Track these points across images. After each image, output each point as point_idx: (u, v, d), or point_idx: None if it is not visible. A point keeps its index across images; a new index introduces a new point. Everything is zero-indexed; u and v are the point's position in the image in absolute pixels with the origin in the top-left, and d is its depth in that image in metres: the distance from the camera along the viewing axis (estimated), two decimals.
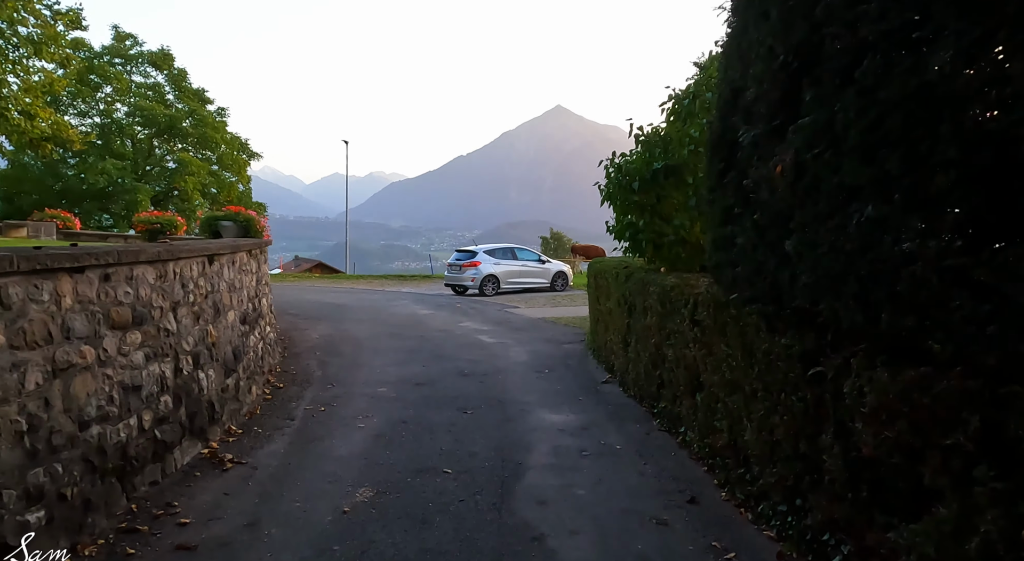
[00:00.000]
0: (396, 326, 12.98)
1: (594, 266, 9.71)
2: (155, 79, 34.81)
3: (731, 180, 4.19)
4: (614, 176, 7.82)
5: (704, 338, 4.71)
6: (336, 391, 7.35)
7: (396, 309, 16.11)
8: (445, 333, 12.04)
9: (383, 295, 20.14)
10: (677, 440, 5.42)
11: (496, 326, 13.13)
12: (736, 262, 4.03)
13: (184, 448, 4.72)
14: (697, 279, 5.62)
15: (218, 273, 5.87)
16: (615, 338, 7.88)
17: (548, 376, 8.34)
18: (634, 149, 8.01)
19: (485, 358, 9.55)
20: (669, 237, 7.25)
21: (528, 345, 10.80)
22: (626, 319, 7.24)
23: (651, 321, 6.15)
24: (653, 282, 6.20)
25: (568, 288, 21.54)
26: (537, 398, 7.10)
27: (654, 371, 6.17)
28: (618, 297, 7.65)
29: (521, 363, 9.21)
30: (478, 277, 19.75)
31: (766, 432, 3.67)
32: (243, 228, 12.18)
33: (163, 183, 34.54)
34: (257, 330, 7.45)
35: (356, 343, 10.86)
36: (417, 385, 7.69)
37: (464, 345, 10.73)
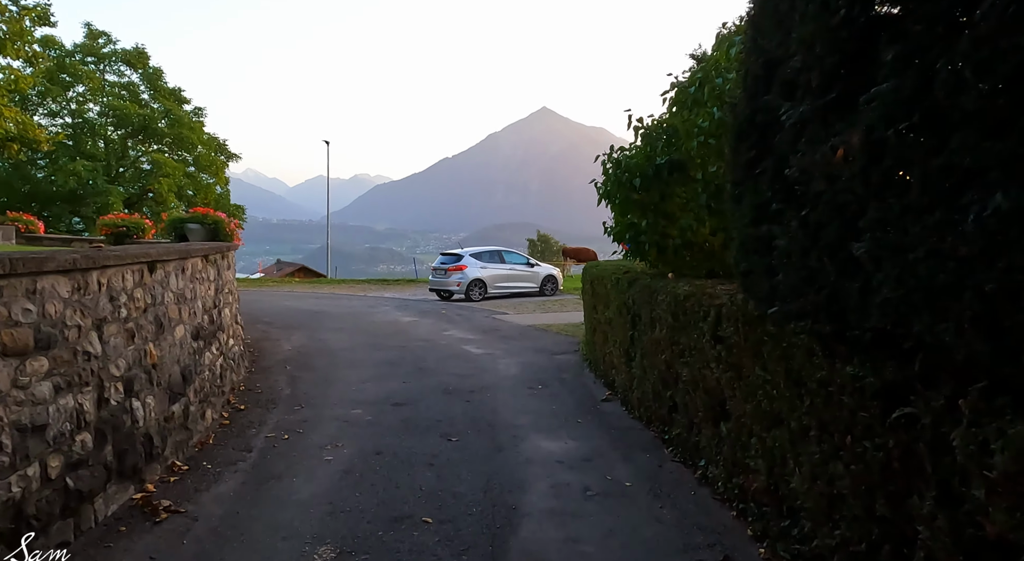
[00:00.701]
0: (376, 335, 12.18)
1: (590, 271, 8.99)
2: (129, 78, 33.70)
3: (766, 170, 3.47)
4: (612, 172, 7.10)
5: (731, 358, 3.99)
6: (304, 414, 6.55)
7: (377, 316, 15.31)
8: (429, 343, 11.26)
9: (365, 301, 19.31)
10: (695, 475, 4.69)
11: (483, 335, 12.37)
12: (774, 269, 3.32)
13: (109, 495, 3.92)
14: (713, 287, 4.90)
15: (162, 283, 5.07)
16: (616, 351, 7.16)
17: (542, 393, 7.59)
18: (634, 143, 7.30)
19: (472, 372, 8.79)
20: (675, 239, 6.54)
21: (518, 356, 10.05)
22: (629, 331, 6.52)
23: (660, 334, 5.43)
24: (662, 290, 5.48)
25: (558, 292, 20.84)
26: (531, 420, 6.34)
27: (664, 391, 5.45)
28: (619, 305, 6.93)
29: (511, 377, 8.46)
30: (464, 282, 18.98)
31: (823, 482, 2.95)
32: (211, 231, 11.32)
33: (137, 185, 33.42)
34: (215, 345, 6.64)
35: (331, 355, 10.05)
36: (396, 405, 6.91)
37: (449, 357, 9.96)
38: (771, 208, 3.37)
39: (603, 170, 7.36)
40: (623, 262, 10.26)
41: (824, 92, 2.82)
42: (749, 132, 3.71)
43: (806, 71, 2.97)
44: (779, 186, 3.31)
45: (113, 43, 32.85)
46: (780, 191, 3.30)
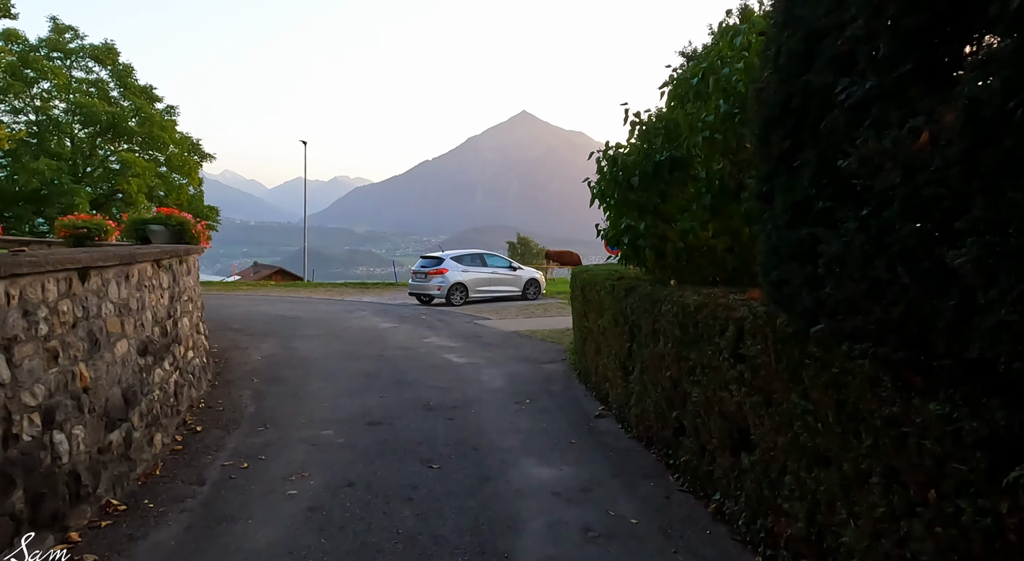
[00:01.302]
0: (353, 343, 11.51)
1: (580, 276, 8.43)
2: (98, 75, 32.50)
3: (806, 162, 2.94)
4: (608, 170, 6.55)
5: (756, 381, 3.45)
6: (268, 436, 5.89)
7: (354, 322, 14.62)
8: (408, 351, 10.62)
9: (342, 305, 18.58)
10: (708, 508, 4.13)
11: (466, 342, 11.76)
12: (819, 279, 2.78)
13: (18, 552, 3.25)
14: (725, 296, 4.36)
15: (99, 292, 4.40)
16: (610, 363, 6.60)
17: (530, 408, 7.00)
18: (630, 139, 6.77)
19: (454, 384, 8.18)
20: (675, 243, 6.00)
21: (503, 365, 9.45)
22: (626, 342, 5.96)
23: (665, 348, 4.88)
24: (666, 299, 4.93)
25: (541, 297, 20.29)
26: (520, 441, 5.75)
27: (669, 412, 4.89)
28: (615, 314, 6.37)
29: (497, 390, 7.86)
30: (445, 285, 18.35)
31: (891, 541, 2.41)
32: (176, 233, 10.58)
33: (105, 185, 32.24)
34: (169, 360, 5.96)
35: (303, 366, 9.37)
36: (371, 425, 6.28)
37: (430, 367, 9.34)
38: (815, 207, 2.83)
39: (597, 168, 6.81)
40: (614, 266, 9.73)
41: (897, 62, 2.29)
42: (783, 119, 3.17)
43: (871, 39, 2.43)
44: (827, 180, 2.77)
45: (80, 38, 31.67)
46: (828, 186, 2.76)
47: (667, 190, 6.20)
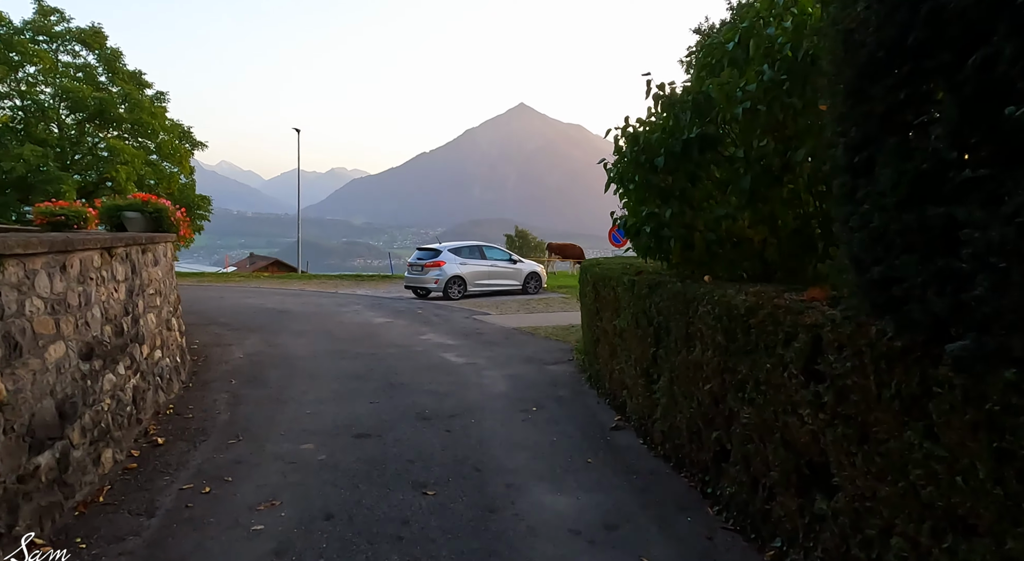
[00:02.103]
0: (344, 339, 10.74)
1: (591, 270, 7.64)
2: (85, 59, 31.53)
3: (935, 120, 2.18)
4: (628, 150, 5.77)
5: (842, 407, 2.69)
6: (239, 451, 5.13)
7: (347, 316, 13.85)
8: (403, 350, 9.86)
9: (335, 299, 17.82)
10: (765, 554, 3.38)
11: (464, 339, 11.00)
12: (960, 277, 2.02)
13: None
14: (779, 295, 3.60)
15: (19, 286, 3.62)
16: (629, 369, 5.84)
17: (537, 418, 6.25)
18: (653, 114, 5.99)
19: (453, 388, 7.42)
20: (707, 233, 5.23)
21: (505, 366, 8.70)
22: (650, 347, 5.20)
23: (703, 357, 4.12)
24: (703, 298, 4.17)
25: (542, 291, 19.52)
26: (528, 460, 5.00)
27: (707, 431, 4.14)
28: (635, 314, 5.60)
29: (499, 396, 7.10)
30: (442, 279, 17.57)
31: None
32: (153, 220, 9.78)
33: (94, 173, 31.31)
34: (125, 363, 5.18)
35: (289, 365, 8.61)
36: (359, 437, 5.52)
37: (426, 367, 8.58)
38: (953, 178, 2.06)
39: (615, 148, 6.04)
40: (628, 259, 8.97)
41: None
42: (890, 63, 2.40)
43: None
44: (978, 138, 2.01)
45: (67, 21, 30.67)
46: (981, 146, 2.00)
47: (697, 172, 5.43)
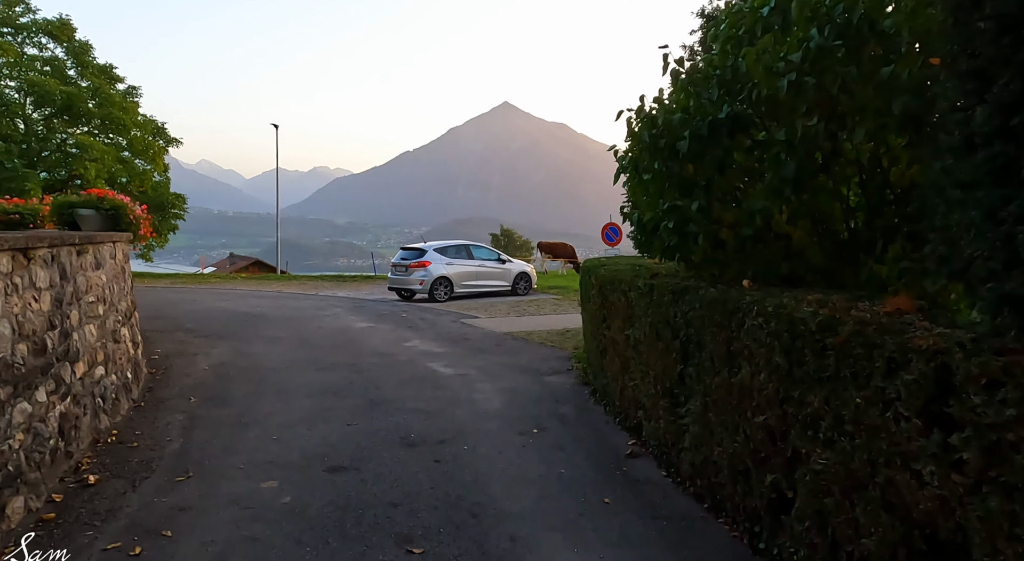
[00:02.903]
0: (321, 347, 9.87)
1: (596, 272, 6.84)
2: (53, 52, 30.22)
3: None
4: (643, 133, 4.99)
5: (1002, 471, 1.92)
6: (187, 492, 4.28)
7: (326, 321, 12.96)
8: (385, 359, 9.01)
9: (314, 301, 16.90)
10: None
11: (453, 346, 10.18)
12: None
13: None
14: (852, 304, 2.84)
15: None
16: (647, 387, 5.06)
17: (539, 442, 5.45)
18: (672, 92, 5.23)
19: (441, 405, 6.60)
20: (742, 229, 4.47)
21: (499, 378, 7.89)
22: (676, 364, 4.43)
23: (754, 381, 3.35)
24: (750, 308, 3.39)
25: (532, 292, 18.72)
26: (534, 500, 4.20)
27: (760, 472, 3.37)
28: (655, 324, 4.82)
29: (495, 415, 6.30)
30: (428, 280, 16.72)
31: None
32: (109, 218, 8.86)
33: (63, 170, 30.02)
34: (47, 389, 4.31)
35: (258, 378, 7.74)
36: (332, 471, 4.69)
37: (411, 380, 7.74)
38: None
39: (627, 133, 5.26)
40: (632, 259, 8.20)
41: None
42: None
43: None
44: None
45: (33, 12, 29.35)
46: None
47: (726, 159, 4.67)
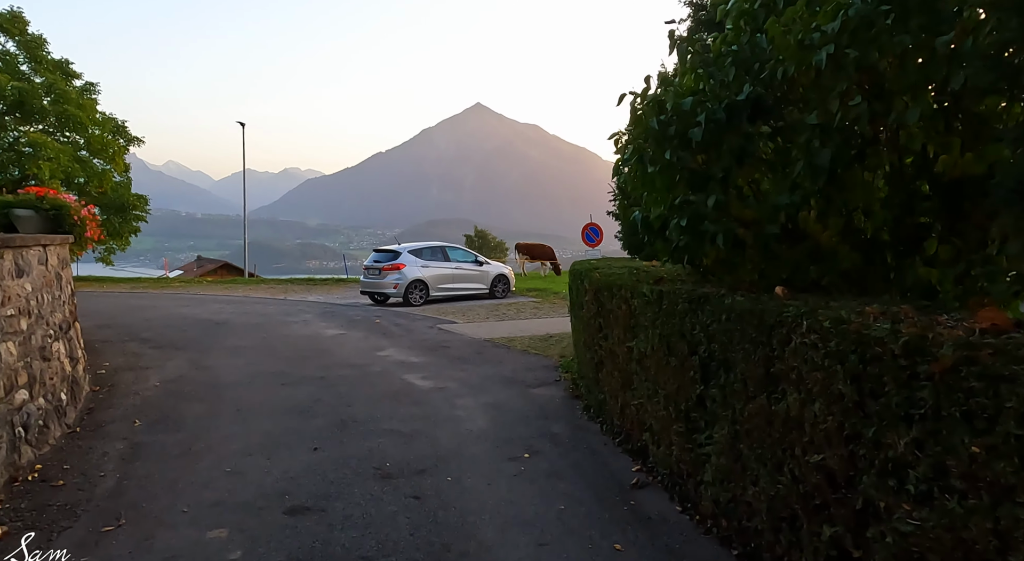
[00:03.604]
0: (287, 358, 9.12)
1: (589, 276, 6.21)
2: (3, 46, 28.77)
3: None
4: (647, 119, 4.39)
5: None
6: (114, 547, 3.53)
7: (294, 328, 12.18)
8: (357, 371, 8.30)
9: (282, 306, 16.05)
10: None
11: (430, 355, 9.49)
12: None
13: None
14: (931, 323, 2.27)
15: None
16: (655, 408, 4.44)
17: (533, 469, 4.81)
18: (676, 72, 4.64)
19: (420, 425, 5.93)
20: (767, 228, 3.89)
21: (482, 392, 7.24)
22: (695, 384, 3.82)
23: (805, 412, 2.75)
24: (797, 321, 2.80)
25: (510, 294, 18.09)
26: (533, 550, 3.55)
27: (815, 523, 2.76)
28: (665, 337, 4.22)
29: (480, 436, 5.65)
30: (402, 283, 16.00)
31: None
32: (51, 219, 7.98)
33: (16, 169, 28.55)
34: None
35: (215, 396, 6.98)
36: (294, 514, 3.99)
37: (386, 395, 7.05)
38: None
39: (630, 118, 4.66)
40: (630, 261, 7.61)
41: None
42: None
43: None
44: None
45: None
46: None
47: (747, 148, 4.09)
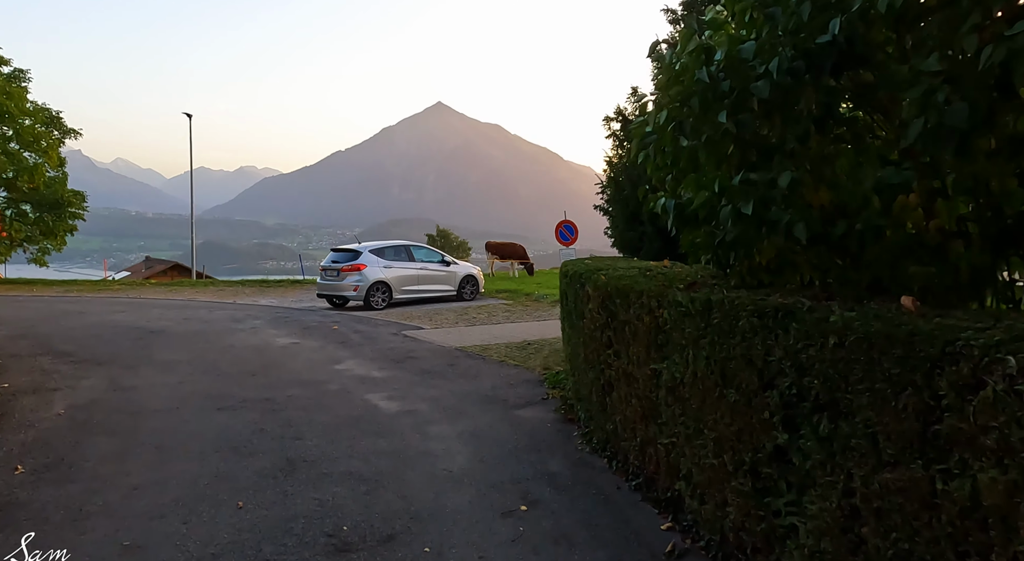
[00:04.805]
0: (229, 375, 7.83)
1: (592, 279, 5.09)
2: None
3: None
4: (697, 70, 3.31)
5: None
6: None
7: (240, 336, 10.82)
8: (311, 390, 7.08)
9: (230, 311, 14.60)
10: None
11: (396, 368, 8.31)
12: None
13: None
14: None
15: None
16: (699, 453, 3.39)
17: (534, 530, 3.71)
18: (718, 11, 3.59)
19: (386, 464, 4.78)
20: (872, 219, 2.86)
21: (459, 416, 6.11)
22: (771, 430, 2.77)
23: None
24: (990, 357, 1.76)
25: (479, 296, 16.95)
26: None
27: None
28: (716, 361, 3.16)
29: (461, 479, 4.51)
30: (363, 285, 14.72)
31: None
32: None
33: None
34: None
35: (131, 427, 5.70)
36: None
37: (345, 422, 5.86)
38: None
39: (663, 76, 3.59)
40: (623, 261, 6.57)
41: None
42: None
43: None
44: None
45: None
46: None
47: (832, 107, 3.07)
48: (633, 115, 10.24)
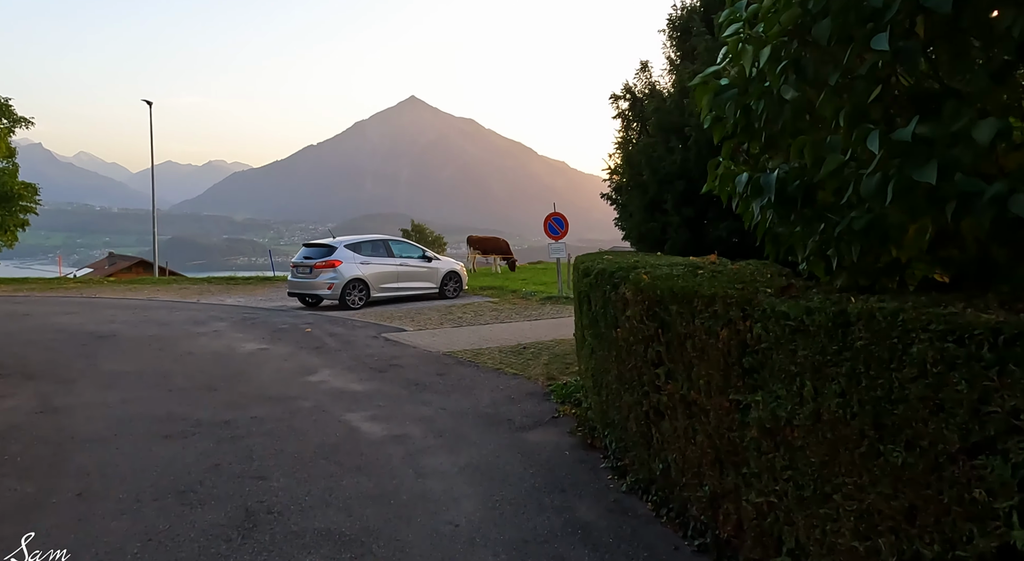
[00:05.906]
0: (182, 390, 6.70)
1: (628, 278, 4.08)
2: None
3: None
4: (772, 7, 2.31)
5: None
6: None
7: (201, 341, 9.64)
8: (280, 409, 5.99)
9: (192, 312, 13.33)
10: None
11: (378, 379, 7.25)
12: None
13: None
14: None
15: None
16: (831, 525, 2.42)
17: None
18: None
19: (374, 516, 3.73)
20: None
21: (458, 442, 5.08)
22: (988, 521, 1.80)
23: None
24: None
25: (463, 293, 15.90)
26: None
27: None
28: (862, 401, 2.18)
29: (472, 540, 3.48)
30: (338, 283, 13.58)
31: None
32: None
33: None
34: None
35: (53, 465, 4.57)
36: None
37: (319, 453, 4.80)
38: None
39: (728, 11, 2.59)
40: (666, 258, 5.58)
41: None
42: None
43: None
44: None
45: None
46: None
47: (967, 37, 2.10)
48: (643, 93, 9.30)
